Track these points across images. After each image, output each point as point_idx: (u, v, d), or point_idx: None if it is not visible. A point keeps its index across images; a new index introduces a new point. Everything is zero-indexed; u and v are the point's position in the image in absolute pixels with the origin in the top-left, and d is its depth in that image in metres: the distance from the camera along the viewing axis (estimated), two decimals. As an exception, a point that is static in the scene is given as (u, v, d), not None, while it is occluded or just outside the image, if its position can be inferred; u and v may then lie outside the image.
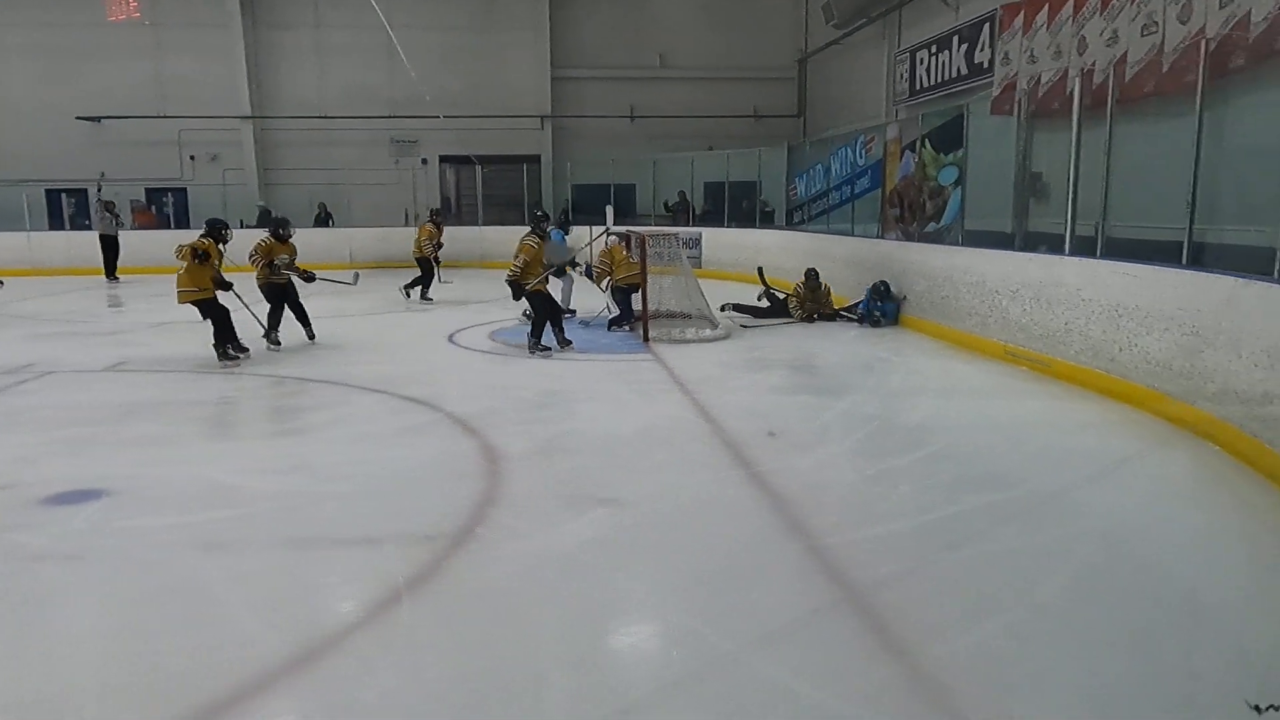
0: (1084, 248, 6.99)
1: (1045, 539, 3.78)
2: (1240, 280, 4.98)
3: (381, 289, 13.29)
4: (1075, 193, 7.06)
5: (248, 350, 8.17)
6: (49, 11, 20.17)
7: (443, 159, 21.66)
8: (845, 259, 11.61)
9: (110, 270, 16.95)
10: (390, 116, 21.13)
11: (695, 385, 6.91)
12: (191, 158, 21.12)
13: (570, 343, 8.50)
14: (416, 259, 12.78)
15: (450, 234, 14.50)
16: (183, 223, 20.64)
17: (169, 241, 9.14)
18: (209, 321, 7.95)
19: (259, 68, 20.95)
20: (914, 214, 10.00)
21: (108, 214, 17.30)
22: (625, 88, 21.53)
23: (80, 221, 20.27)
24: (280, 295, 8.80)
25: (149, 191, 20.93)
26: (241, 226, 19.66)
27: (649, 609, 3.27)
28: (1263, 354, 4.60)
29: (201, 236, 8.03)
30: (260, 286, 8.71)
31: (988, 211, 9.32)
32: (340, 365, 7.86)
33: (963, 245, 8.93)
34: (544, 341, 8.34)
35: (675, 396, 6.60)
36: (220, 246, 8.11)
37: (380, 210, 20.46)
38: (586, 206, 19.07)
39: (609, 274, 9.93)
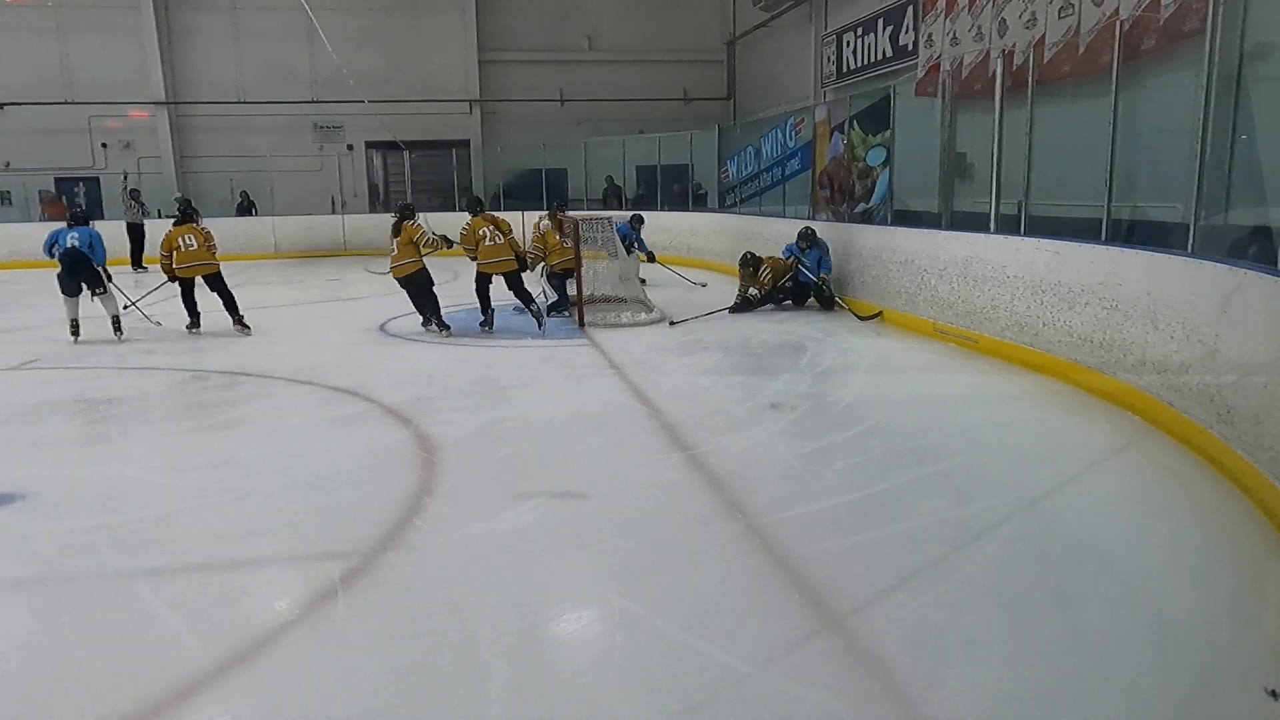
0: (1007, 226, 7.15)
1: (974, 510, 3.86)
2: (1156, 255, 5.16)
3: (307, 279, 12.97)
4: (999, 172, 7.21)
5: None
6: (-57, -8, 19.14)
7: (369, 144, 21.20)
8: (777, 240, 11.68)
9: (137, 259, 16.37)
10: (313, 101, 20.60)
11: (631, 369, 6.90)
12: (103, 145, 20.29)
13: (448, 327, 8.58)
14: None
15: (377, 221, 14.22)
16: (96, 213, 19.84)
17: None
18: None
19: (173, 51, 20.20)
20: (844, 195, 10.12)
21: (134, 203, 16.90)
22: (554, 70, 21.33)
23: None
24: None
25: (58, 181, 20.07)
26: (160, 216, 19.15)
27: (589, 594, 3.25)
28: (1178, 325, 4.76)
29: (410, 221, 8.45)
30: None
31: (915, 191, 9.48)
32: (265, 357, 7.65)
33: (891, 225, 9.07)
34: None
35: (611, 380, 6.58)
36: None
37: (305, 198, 19.97)
38: (518, 192, 18.94)
39: (543, 259, 9.87)
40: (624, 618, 3.00)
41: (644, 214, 13.41)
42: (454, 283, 12.20)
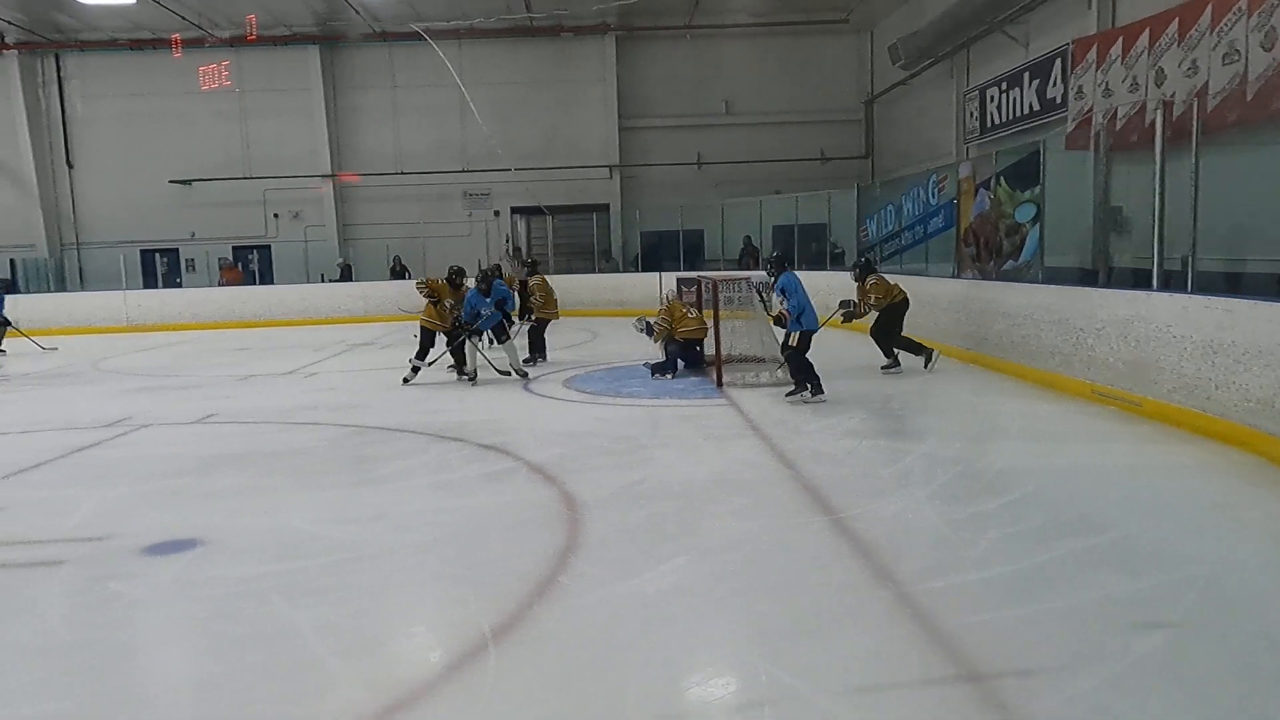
0: (1171, 282, 6.77)
1: (1144, 586, 3.61)
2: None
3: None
4: (1161, 226, 6.85)
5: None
6: (141, 82, 21.42)
7: (514, 210, 22.14)
8: (918, 299, 11.43)
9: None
10: (463, 171, 21.72)
11: (770, 429, 6.84)
12: (275, 216, 22.02)
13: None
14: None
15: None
16: (267, 278, 21.50)
17: (262, 297, 9.47)
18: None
19: (339, 128, 21.82)
20: (990, 252, 9.82)
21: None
22: (691, 135, 21.80)
23: (172, 280, 21.25)
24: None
25: (235, 249, 21.85)
26: (323, 280, 20.53)
27: (735, 659, 3.20)
28: (1375, 390, 4.37)
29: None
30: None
31: (1067, 248, 9.12)
32: (417, 414, 8.01)
33: (1043, 283, 8.72)
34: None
35: (750, 441, 6.54)
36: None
37: (454, 261, 20.90)
38: (656, 253, 19.28)
39: (668, 329, 9.84)
40: (772, 685, 2.94)
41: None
42: (592, 342, 12.49)
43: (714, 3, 19.90)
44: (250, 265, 21.90)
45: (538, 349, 11.13)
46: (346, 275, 20.78)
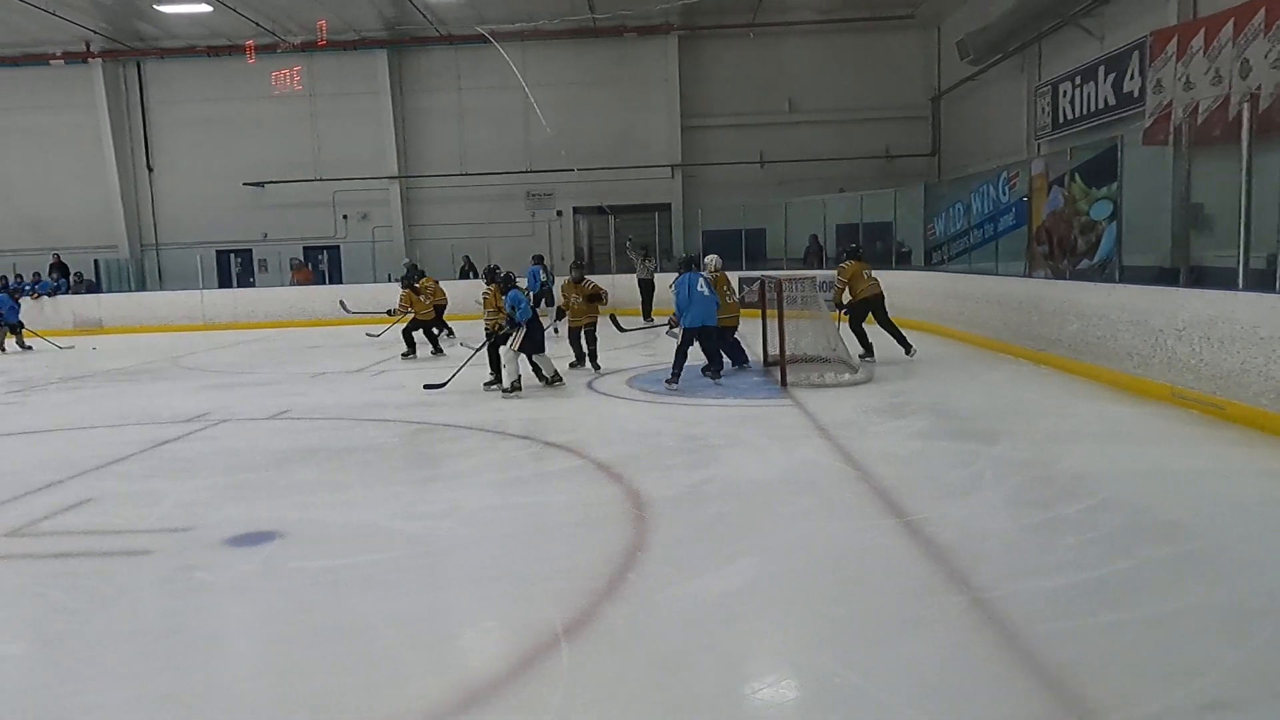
0: (1258, 281, 6.52)
1: (1235, 595, 3.49)
2: None
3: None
4: (1248, 223, 6.60)
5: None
6: (217, 88, 22.09)
7: (576, 210, 22.30)
8: (988, 298, 11.22)
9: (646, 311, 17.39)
10: (526, 171, 21.93)
11: (836, 430, 6.78)
12: (344, 217, 22.51)
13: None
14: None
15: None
16: (336, 278, 21.99)
17: (331, 296, 9.69)
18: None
19: (406, 130, 22.21)
20: (1064, 250, 9.58)
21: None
22: (754, 134, 21.69)
23: (246, 279, 21.88)
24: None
25: (306, 249, 22.39)
26: (390, 280, 20.93)
27: (805, 661, 3.18)
28: None
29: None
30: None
31: (1145, 246, 8.86)
32: (483, 412, 8.11)
33: (1120, 282, 8.47)
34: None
35: (817, 442, 6.48)
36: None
37: (517, 261, 21.14)
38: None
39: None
40: (843, 688, 2.92)
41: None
42: (654, 341, 12.52)
43: (778, 0, 19.77)
44: (320, 265, 22.42)
45: (578, 353, 10.76)
46: (412, 275, 21.10)
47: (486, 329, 9.45)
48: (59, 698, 3.05)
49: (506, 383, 8.93)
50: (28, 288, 20.58)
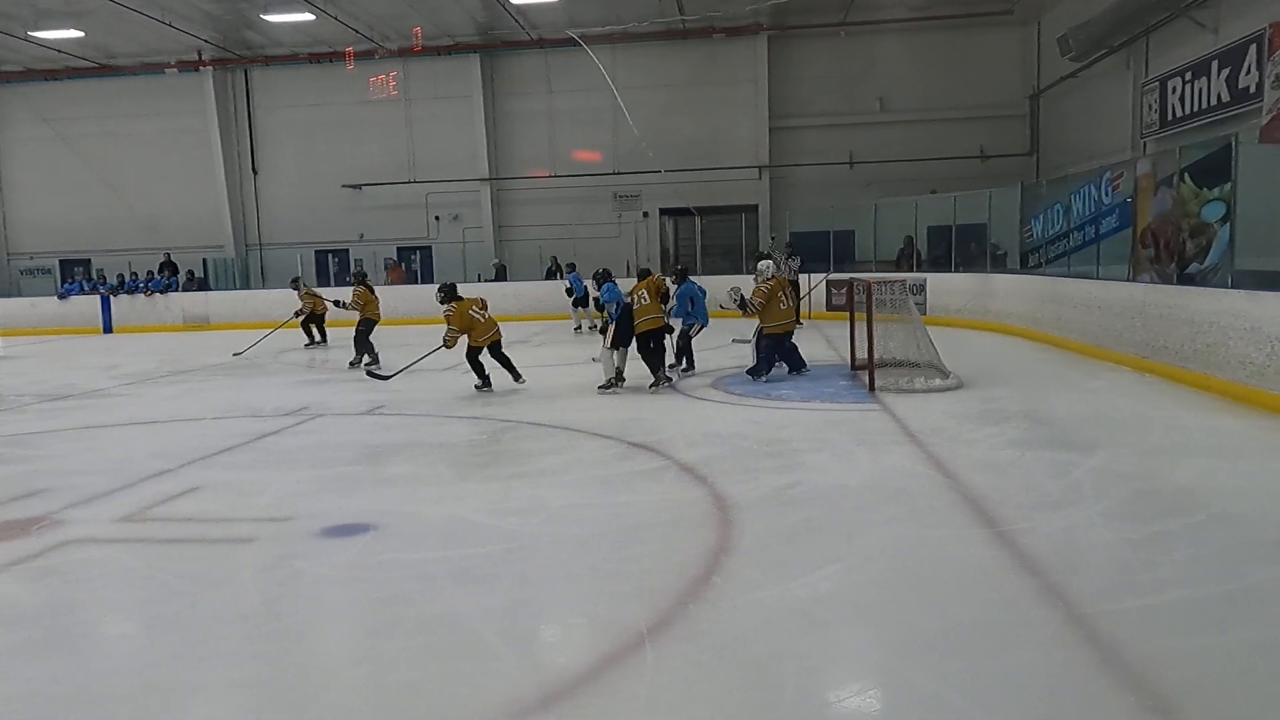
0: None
1: (1359, 622, 3.29)
2: None
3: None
4: (1376, 226, 6.21)
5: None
6: (317, 93, 22.88)
7: (663, 211, 22.34)
8: (1088, 303, 10.82)
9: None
10: (613, 173, 22.07)
11: (927, 437, 6.63)
12: (436, 218, 23.06)
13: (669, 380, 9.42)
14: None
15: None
16: (428, 278, 22.54)
17: (420, 295, 9.94)
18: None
19: (496, 133, 22.61)
20: (1171, 254, 9.17)
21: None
22: (844, 134, 21.38)
23: (343, 278, 22.59)
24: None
25: (400, 249, 23.01)
26: (479, 280, 21.37)
27: (895, 672, 3.12)
28: None
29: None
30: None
31: (1261, 249, 8.41)
32: (568, 411, 8.21)
33: (1232, 287, 8.07)
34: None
35: (905, 449, 6.35)
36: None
37: (603, 262, 21.30)
38: (804, 254, 18.92)
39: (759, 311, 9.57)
40: (931, 701, 2.86)
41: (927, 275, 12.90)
42: (741, 344, 12.44)
43: (870, -2, 19.47)
44: (413, 265, 23.01)
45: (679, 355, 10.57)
46: (501, 275, 21.53)
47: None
48: (166, 676, 3.21)
49: (604, 379, 9.18)
50: (140, 285, 21.70)
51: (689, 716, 2.80)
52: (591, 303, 15.40)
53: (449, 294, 9.56)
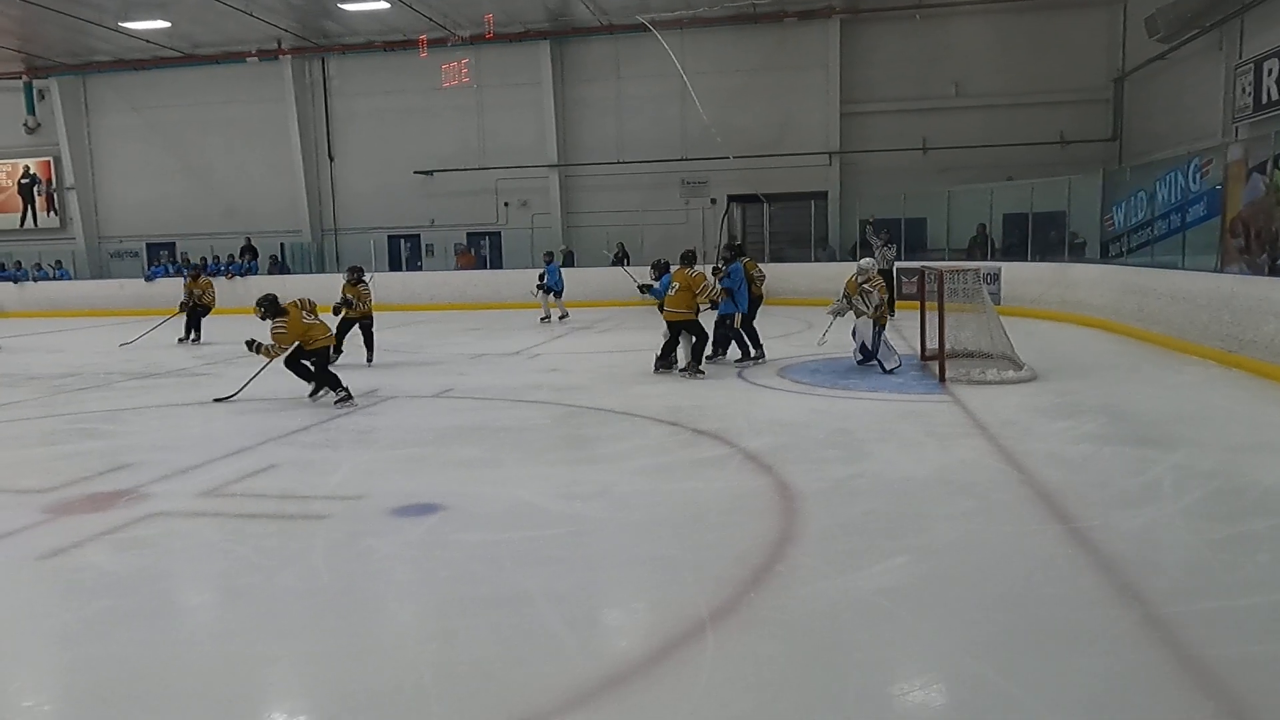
0: None
1: None
2: None
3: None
4: None
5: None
6: (391, 81, 23.24)
7: (731, 197, 22.18)
8: (1172, 294, 10.44)
9: None
10: (681, 160, 21.97)
11: (998, 430, 6.49)
12: (505, 204, 23.28)
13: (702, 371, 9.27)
14: None
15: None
16: (496, 263, 22.83)
17: (489, 280, 10.05)
18: None
19: (565, 119, 22.70)
20: (1263, 244, 8.79)
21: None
22: (917, 119, 20.89)
23: (414, 263, 23.03)
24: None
25: (469, 235, 23.32)
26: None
27: (963, 667, 3.07)
28: None
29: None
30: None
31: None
32: (633, 397, 8.24)
33: (1328, 279, 7.71)
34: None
35: (975, 441, 6.23)
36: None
37: (670, 249, 21.25)
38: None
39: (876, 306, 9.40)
40: (1002, 699, 2.81)
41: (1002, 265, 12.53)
42: (806, 332, 12.33)
43: (947, -20, 18.97)
44: (482, 250, 23.31)
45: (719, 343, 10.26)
46: (568, 261, 21.65)
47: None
48: (241, 647, 3.33)
49: (683, 362, 9.36)
50: (222, 269, 22.41)
51: (749, 705, 2.80)
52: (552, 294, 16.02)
53: (270, 308, 8.19)
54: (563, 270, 17.05)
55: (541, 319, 16.53)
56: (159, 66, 23.91)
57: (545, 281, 16.56)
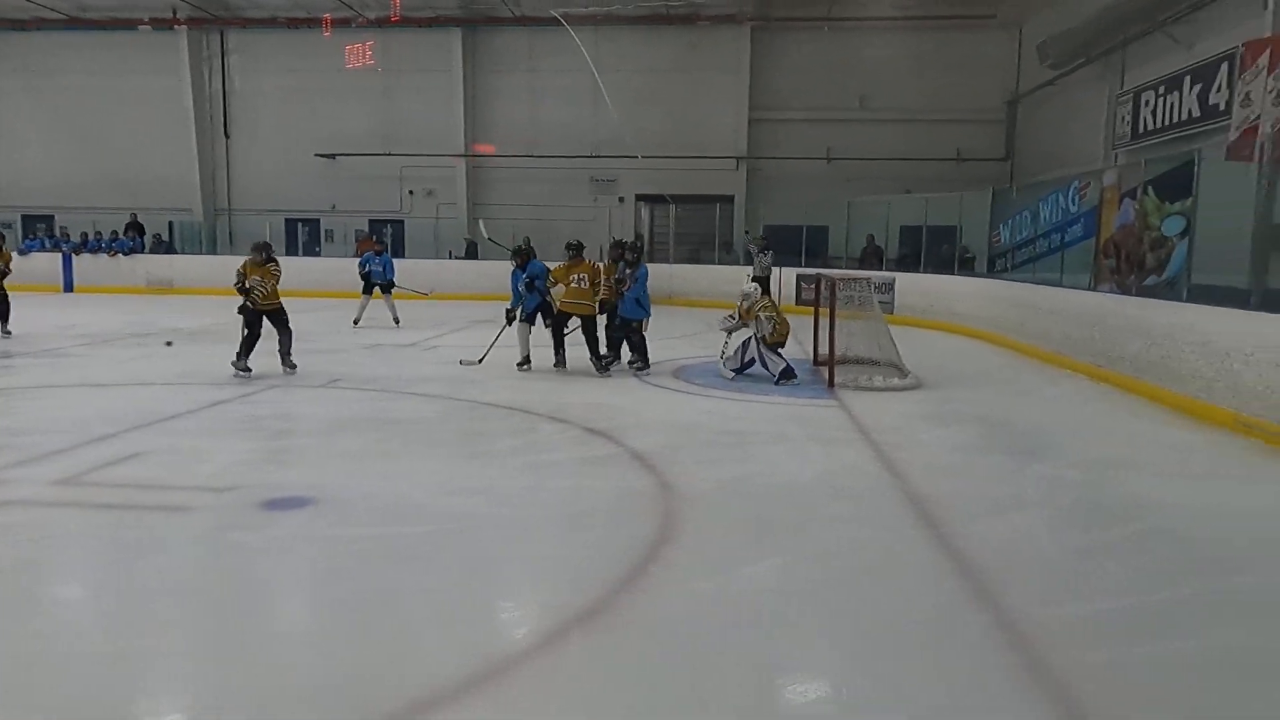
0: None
1: (1280, 637, 3.35)
2: None
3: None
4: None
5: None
6: (295, 60, 22.51)
7: (639, 197, 22.26)
8: (1050, 310, 10.93)
9: None
10: (592, 156, 21.93)
11: (881, 436, 6.66)
12: (410, 192, 22.82)
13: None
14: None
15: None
16: (399, 252, 22.30)
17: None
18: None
19: (475, 109, 22.36)
20: (1131, 266, 9.28)
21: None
22: (823, 129, 21.37)
23: (312, 249, 22.32)
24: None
25: (371, 222, 22.75)
26: (450, 257, 21.15)
27: (824, 667, 3.14)
28: None
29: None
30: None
31: (1218, 266, 8.53)
32: (527, 394, 8.16)
33: (1188, 301, 8.18)
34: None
35: (859, 447, 6.38)
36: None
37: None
38: (776, 248, 18.93)
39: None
40: (858, 697, 2.88)
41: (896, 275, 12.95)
42: (706, 333, 12.43)
43: (856, -5, 19.46)
44: (384, 239, 22.73)
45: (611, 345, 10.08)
46: (472, 253, 21.34)
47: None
48: (112, 642, 3.20)
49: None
50: (105, 245, 21.29)
51: (611, 704, 2.79)
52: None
53: (271, 252, 9.26)
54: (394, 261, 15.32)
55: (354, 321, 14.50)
56: (42, 29, 22.56)
57: (367, 270, 14.41)
